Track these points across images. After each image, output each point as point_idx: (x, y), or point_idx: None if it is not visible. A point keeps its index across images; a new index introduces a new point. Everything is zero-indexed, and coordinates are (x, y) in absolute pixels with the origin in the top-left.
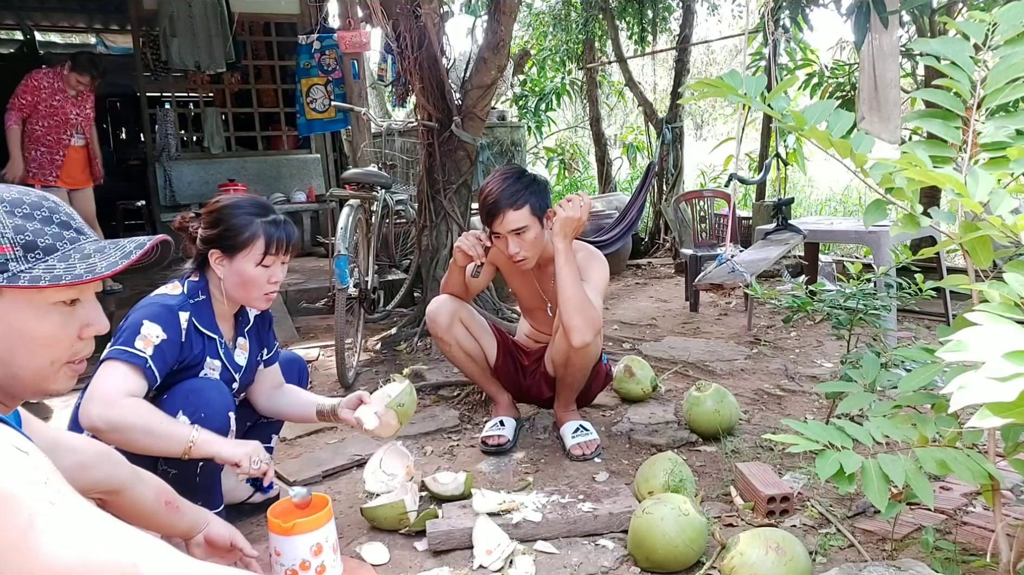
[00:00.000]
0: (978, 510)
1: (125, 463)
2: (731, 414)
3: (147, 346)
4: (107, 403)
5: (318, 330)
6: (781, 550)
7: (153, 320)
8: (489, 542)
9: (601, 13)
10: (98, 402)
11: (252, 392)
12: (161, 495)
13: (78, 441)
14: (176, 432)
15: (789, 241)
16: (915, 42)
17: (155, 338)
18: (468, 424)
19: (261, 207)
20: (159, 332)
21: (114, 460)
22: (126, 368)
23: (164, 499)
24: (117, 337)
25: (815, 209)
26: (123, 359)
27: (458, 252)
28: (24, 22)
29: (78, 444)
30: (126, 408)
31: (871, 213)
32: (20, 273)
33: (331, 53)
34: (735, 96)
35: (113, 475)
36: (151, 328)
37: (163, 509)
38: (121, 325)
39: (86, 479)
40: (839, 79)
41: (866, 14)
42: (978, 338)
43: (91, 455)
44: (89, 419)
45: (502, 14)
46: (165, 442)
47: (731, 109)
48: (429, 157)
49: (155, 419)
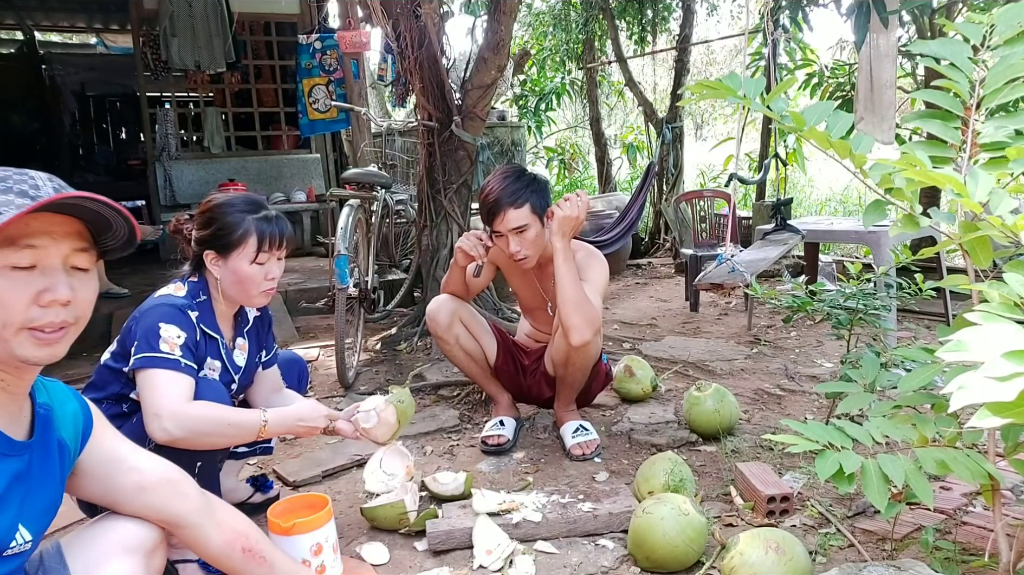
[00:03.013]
0: (978, 510)
1: (194, 498)
2: (731, 414)
3: (173, 348)
4: (176, 416)
5: (318, 330)
6: (781, 550)
7: (169, 322)
8: (489, 542)
9: (601, 13)
10: (167, 417)
11: (251, 394)
12: (237, 541)
13: (148, 462)
14: (250, 419)
15: (789, 241)
16: (914, 43)
17: (177, 338)
18: (468, 424)
19: (252, 204)
20: (178, 332)
21: (180, 491)
22: (168, 374)
23: (241, 546)
24: (138, 345)
25: (815, 209)
26: (158, 366)
27: (459, 252)
28: (24, 22)
29: (146, 465)
30: (196, 415)
31: (870, 213)
32: None
33: (332, 53)
34: (734, 97)
35: (173, 505)
36: (170, 330)
37: (238, 556)
38: (133, 330)
39: (142, 502)
40: (839, 79)
41: (866, 14)
42: (978, 338)
43: (154, 480)
44: (168, 434)
45: (502, 14)
46: (243, 431)
47: (731, 109)
48: (429, 157)
49: (227, 414)
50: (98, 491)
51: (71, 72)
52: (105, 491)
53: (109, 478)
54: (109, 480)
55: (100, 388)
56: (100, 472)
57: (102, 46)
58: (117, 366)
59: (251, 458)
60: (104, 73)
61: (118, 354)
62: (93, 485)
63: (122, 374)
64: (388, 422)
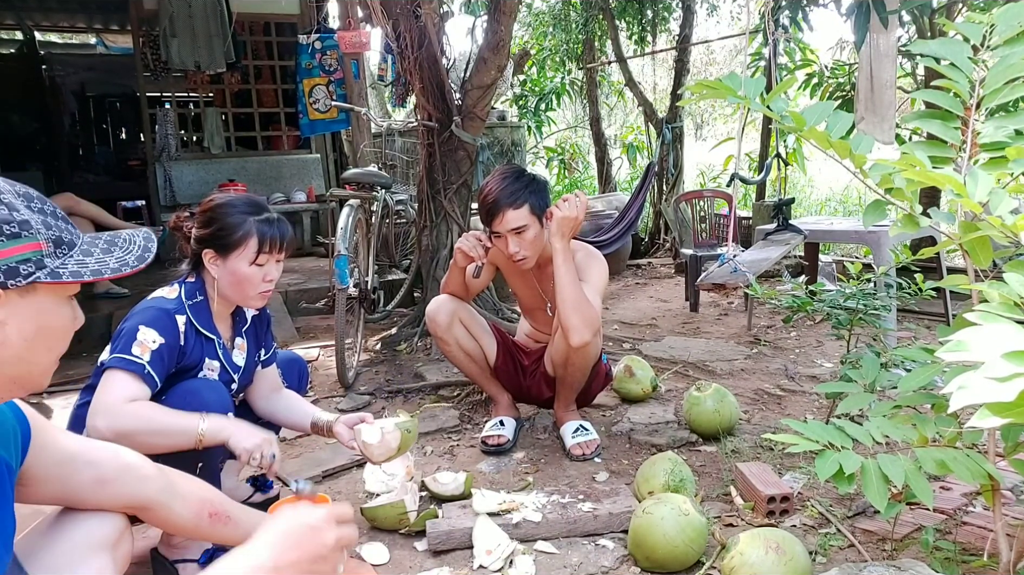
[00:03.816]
0: (978, 510)
1: (155, 478)
2: (731, 414)
3: (144, 351)
4: (110, 414)
5: (318, 330)
6: (781, 550)
7: (149, 325)
8: (489, 542)
9: (601, 13)
10: (102, 414)
11: (250, 394)
12: (203, 509)
13: (100, 454)
14: (185, 426)
15: (790, 241)
16: (914, 43)
17: (152, 343)
18: (468, 424)
19: (254, 205)
20: (155, 337)
21: (140, 475)
22: (125, 376)
23: (208, 512)
24: (115, 344)
25: (815, 209)
26: (121, 367)
27: (458, 252)
28: (24, 22)
29: (99, 457)
30: (129, 414)
31: (870, 213)
32: (57, 269)
33: (332, 53)
34: (734, 97)
35: (137, 491)
36: (147, 333)
37: (205, 522)
38: (119, 330)
39: (105, 495)
40: (839, 79)
41: (866, 14)
42: (978, 338)
43: (112, 470)
44: (98, 432)
45: (502, 14)
46: (176, 438)
47: (731, 109)
48: (429, 157)
49: (160, 419)
50: (54, 493)
51: (71, 72)
52: (62, 492)
53: (64, 479)
54: (65, 481)
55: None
56: (53, 475)
57: (102, 46)
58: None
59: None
60: (104, 73)
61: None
62: (46, 489)
63: None
64: (389, 447)
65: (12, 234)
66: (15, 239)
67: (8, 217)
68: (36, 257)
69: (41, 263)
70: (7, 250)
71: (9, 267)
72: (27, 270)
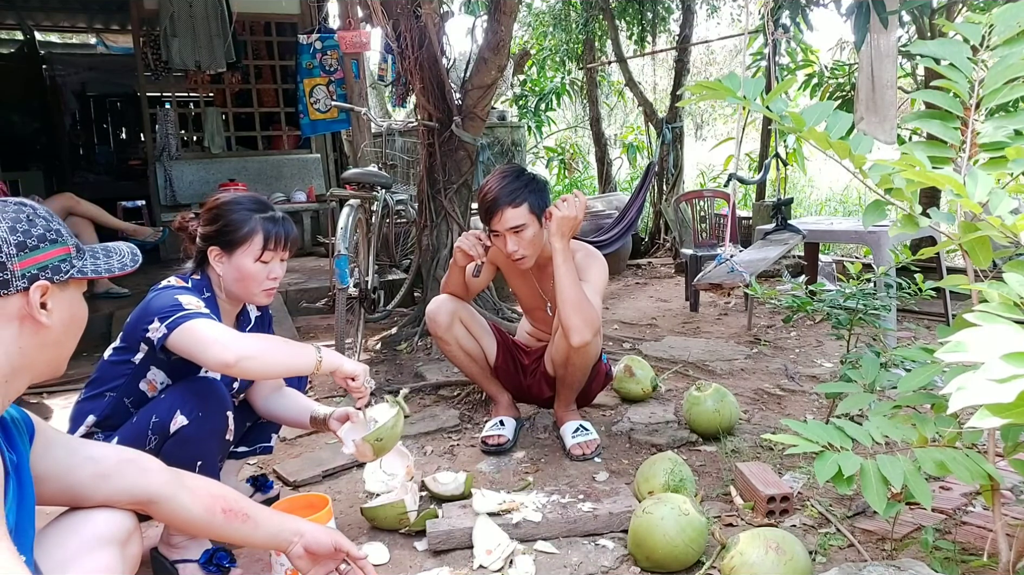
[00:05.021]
0: (978, 510)
1: (160, 472)
2: (731, 414)
3: (199, 307)
4: (224, 342)
5: (318, 330)
6: (781, 550)
7: (184, 294)
8: (489, 542)
9: (601, 13)
10: (218, 344)
11: (251, 393)
12: (215, 504)
13: (100, 450)
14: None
15: (789, 241)
16: (914, 44)
17: (197, 305)
18: (468, 424)
19: (259, 204)
20: (196, 300)
21: (142, 467)
22: (205, 321)
23: (220, 508)
24: (161, 317)
25: (815, 209)
26: (192, 318)
27: (458, 252)
28: (24, 22)
29: (99, 453)
30: (242, 338)
31: (870, 213)
32: (83, 267)
33: (333, 53)
34: (734, 98)
35: (140, 484)
36: (189, 299)
37: (219, 518)
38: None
39: (107, 490)
40: (839, 79)
41: (866, 14)
42: (977, 339)
43: (112, 464)
44: (220, 359)
45: (502, 14)
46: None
47: (731, 109)
48: (429, 157)
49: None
50: (56, 492)
51: (71, 72)
52: (65, 490)
53: (64, 476)
54: (65, 478)
55: (102, 383)
56: (53, 473)
57: (102, 46)
58: (121, 359)
59: (251, 458)
60: (104, 73)
61: (122, 348)
62: (49, 487)
63: (127, 366)
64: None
65: (53, 240)
66: (55, 244)
67: (49, 227)
68: (68, 258)
69: (71, 263)
70: (51, 252)
71: (54, 266)
72: (66, 268)
